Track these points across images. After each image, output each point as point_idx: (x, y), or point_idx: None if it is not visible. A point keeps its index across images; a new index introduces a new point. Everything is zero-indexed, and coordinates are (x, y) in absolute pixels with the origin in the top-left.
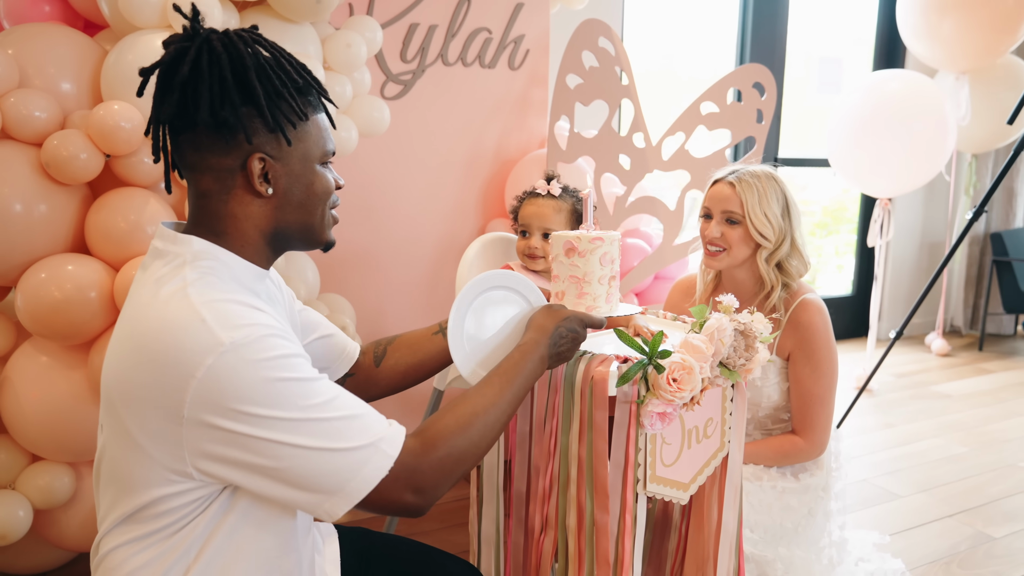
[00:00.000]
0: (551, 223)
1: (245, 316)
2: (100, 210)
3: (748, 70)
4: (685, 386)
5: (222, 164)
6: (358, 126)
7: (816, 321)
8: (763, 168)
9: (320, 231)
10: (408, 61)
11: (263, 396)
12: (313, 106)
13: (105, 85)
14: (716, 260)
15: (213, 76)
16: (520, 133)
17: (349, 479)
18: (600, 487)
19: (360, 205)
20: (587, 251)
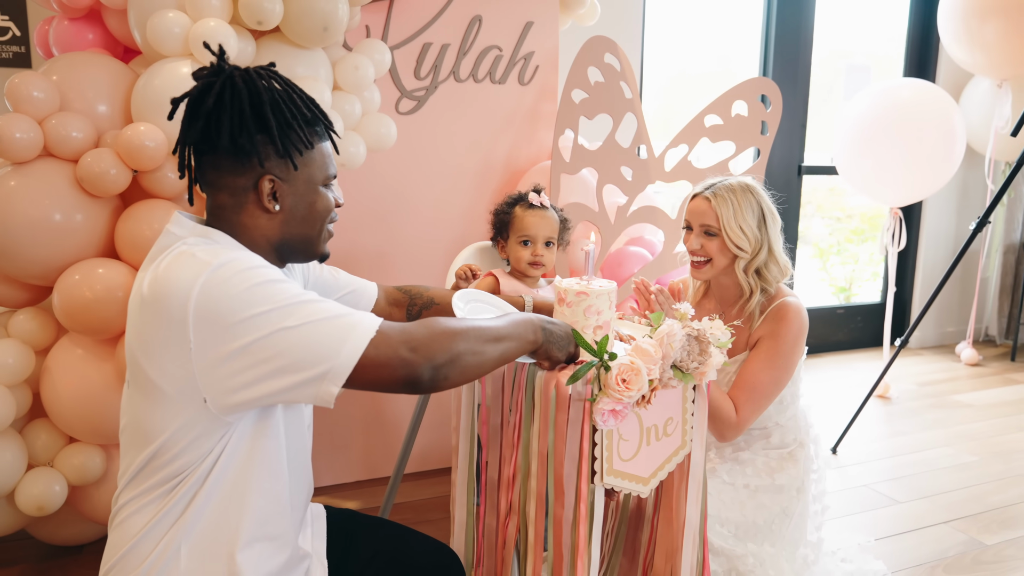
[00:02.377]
0: (552, 231)
1: (235, 254)
2: (128, 219)
3: (754, 83)
4: (633, 386)
5: (237, 183)
6: (366, 142)
7: (791, 320)
8: (740, 180)
9: (318, 244)
10: (422, 78)
11: (249, 300)
12: (319, 135)
13: (135, 107)
14: (701, 272)
15: (234, 108)
16: (529, 145)
17: (345, 340)
18: (558, 482)
19: (376, 213)
20: (573, 303)
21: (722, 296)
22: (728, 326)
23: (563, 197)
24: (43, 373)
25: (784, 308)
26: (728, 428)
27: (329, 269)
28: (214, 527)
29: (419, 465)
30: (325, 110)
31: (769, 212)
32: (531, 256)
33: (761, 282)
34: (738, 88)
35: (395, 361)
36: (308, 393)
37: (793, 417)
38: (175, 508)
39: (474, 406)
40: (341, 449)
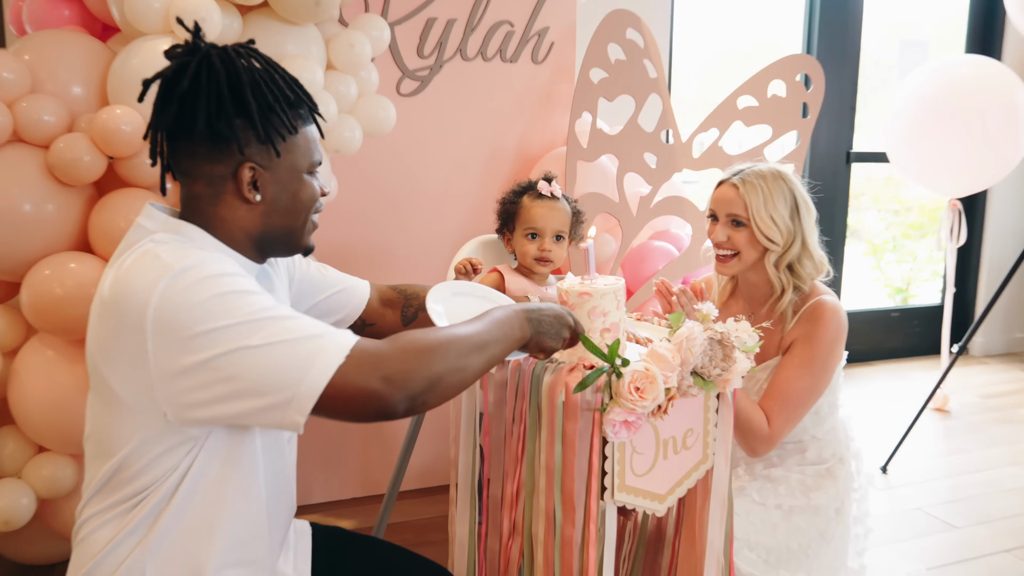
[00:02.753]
0: (563, 224)
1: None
2: (102, 210)
3: (793, 61)
4: (647, 395)
5: (214, 171)
6: (363, 126)
7: (827, 320)
8: (771, 167)
9: (301, 236)
10: (425, 56)
11: (212, 311)
12: (303, 119)
13: (111, 89)
14: (727, 266)
15: (211, 90)
16: (544, 130)
17: (310, 365)
18: (568, 498)
19: (373, 205)
20: (575, 304)
21: (751, 295)
22: (756, 328)
23: (580, 186)
24: (10, 377)
25: (820, 307)
26: (759, 442)
27: (317, 265)
28: (183, 550)
29: (420, 481)
30: (312, 91)
31: (803, 201)
32: (538, 251)
33: (794, 279)
34: (775, 66)
35: (365, 394)
36: (272, 419)
37: (832, 430)
38: (140, 527)
39: (475, 415)
40: (335, 463)
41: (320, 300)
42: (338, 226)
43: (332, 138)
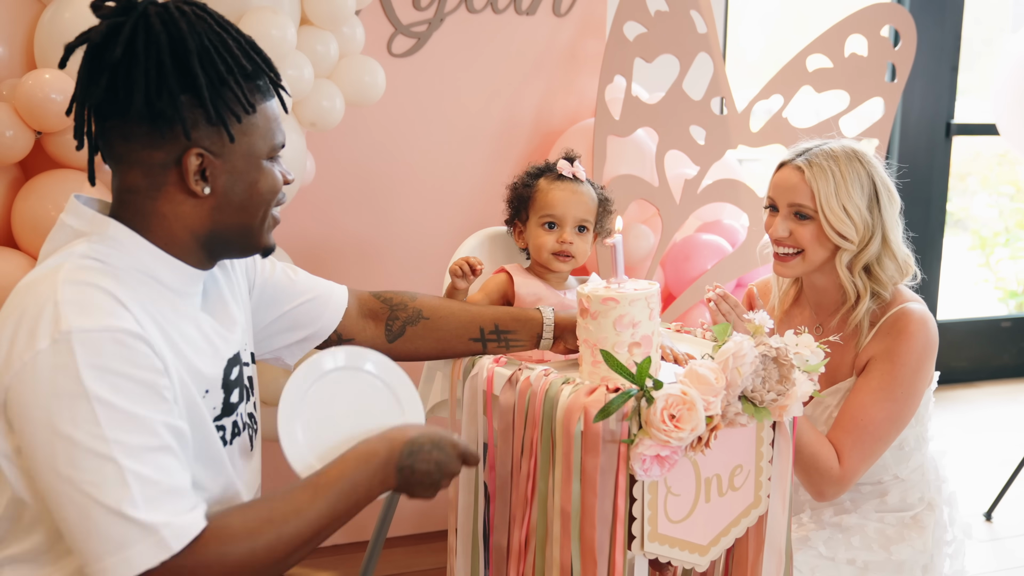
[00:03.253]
0: (587, 212)
1: (104, 313)
2: (28, 196)
3: (877, 11)
4: (685, 424)
5: (153, 158)
6: (344, 93)
7: (913, 334)
8: (844, 145)
9: (259, 235)
10: (423, 8)
11: (63, 413)
12: (262, 92)
13: (39, 49)
14: (787, 267)
15: (150, 60)
16: (567, 97)
17: (110, 552)
18: (589, 549)
19: (357, 188)
20: (599, 312)
21: (819, 303)
22: (821, 343)
23: (611, 167)
24: None
25: (904, 318)
26: (828, 483)
27: (284, 267)
28: None
29: (415, 526)
30: (282, 52)
31: (884, 188)
32: (556, 243)
33: (872, 283)
34: (854, 18)
35: None
36: None
37: (919, 468)
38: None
39: (478, 445)
40: None
41: (287, 311)
42: (314, 216)
43: (308, 109)
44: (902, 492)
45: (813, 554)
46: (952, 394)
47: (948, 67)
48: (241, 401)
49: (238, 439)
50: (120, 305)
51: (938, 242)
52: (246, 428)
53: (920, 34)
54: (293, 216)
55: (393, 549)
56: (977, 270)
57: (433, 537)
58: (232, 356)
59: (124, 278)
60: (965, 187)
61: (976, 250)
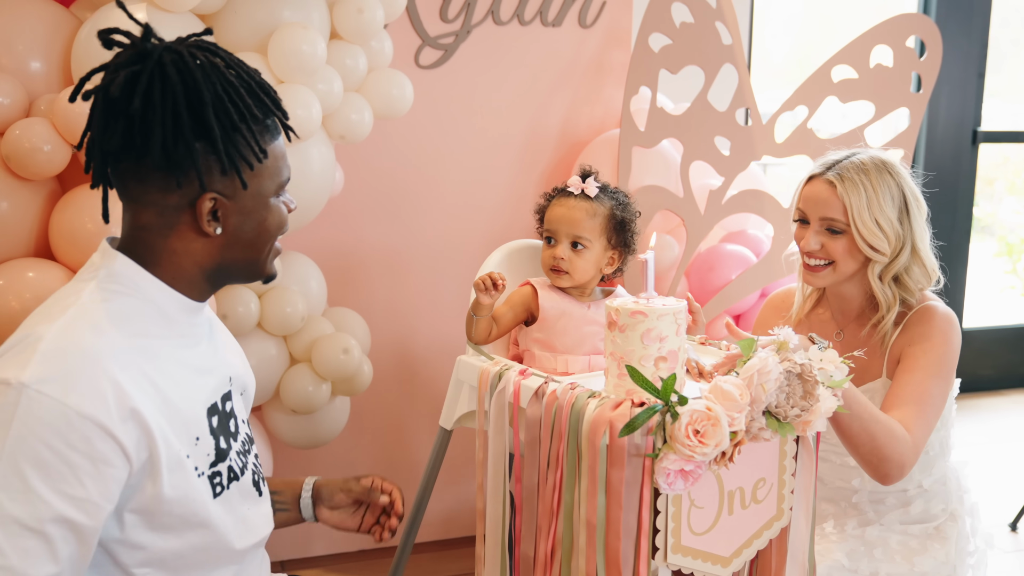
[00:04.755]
0: (582, 229)
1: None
2: (65, 209)
3: (902, 22)
4: (709, 440)
5: (167, 200)
6: (373, 106)
7: (939, 323)
8: (873, 156)
9: (264, 266)
10: (450, 20)
11: None
12: (271, 132)
13: (76, 64)
14: (818, 277)
15: (166, 110)
16: (593, 108)
17: None
18: (613, 560)
19: (385, 199)
20: (627, 326)
21: (842, 308)
22: (846, 358)
23: (636, 178)
24: None
25: (929, 311)
26: (907, 449)
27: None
28: None
29: (440, 532)
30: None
31: (912, 198)
32: (551, 257)
33: (900, 291)
34: (880, 29)
35: None
36: None
37: (942, 479)
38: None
39: (505, 457)
40: None
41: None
42: (342, 226)
43: (337, 122)
44: (925, 502)
45: (836, 567)
46: (978, 402)
47: (975, 74)
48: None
49: (236, 484)
50: (103, 378)
51: (964, 249)
52: (247, 470)
53: (946, 41)
54: (321, 227)
55: (418, 555)
56: (1003, 277)
57: (458, 544)
58: (224, 394)
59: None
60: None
61: (1002, 256)
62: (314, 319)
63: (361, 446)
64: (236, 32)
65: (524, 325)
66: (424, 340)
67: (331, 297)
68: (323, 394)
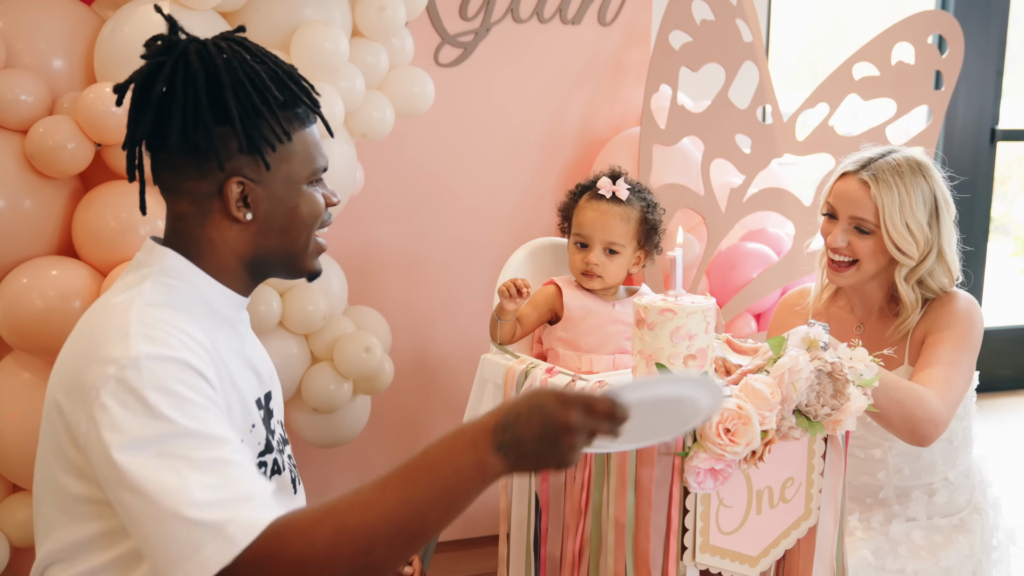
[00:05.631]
0: (617, 235)
1: (172, 342)
2: (88, 207)
3: (924, 19)
4: (740, 439)
5: (198, 188)
6: (394, 104)
7: (961, 307)
8: (908, 157)
9: (303, 259)
10: (469, 19)
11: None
12: (301, 120)
13: (99, 62)
14: (842, 276)
15: (187, 96)
16: (612, 106)
17: (186, 557)
18: (643, 560)
19: (404, 198)
20: (656, 323)
21: (863, 303)
22: (875, 356)
23: (656, 176)
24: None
25: (951, 295)
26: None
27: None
28: None
29: (463, 530)
30: (335, 65)
31: (943, 201)
32: (583, 263)
33: (923, 292)
34: (901, 26)
35: None
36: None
37: (966, 471)
38: None
39: None
40: None
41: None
42: (362, 225)
43: (359, 120)
44: (950, 494)
45: (861, 563)
46: (995, 402)
47: (993, 72)
48: (275, 438)
49: (277, 477)
50: (189, 338)
51: (982, 249)
52: (286, 468)
53: (965, 39)
54: (341, 225)
55: (438, 554)
56: (1020, 276)
57: (478, 543)
58: (266, 393)
59: (189, 310)
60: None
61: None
62: (335, 318)
63: (380, 445)
64: (258, 30)
65: (548, 324)
66: (444, 339)
67: (352, 296)
68: (344, 393)
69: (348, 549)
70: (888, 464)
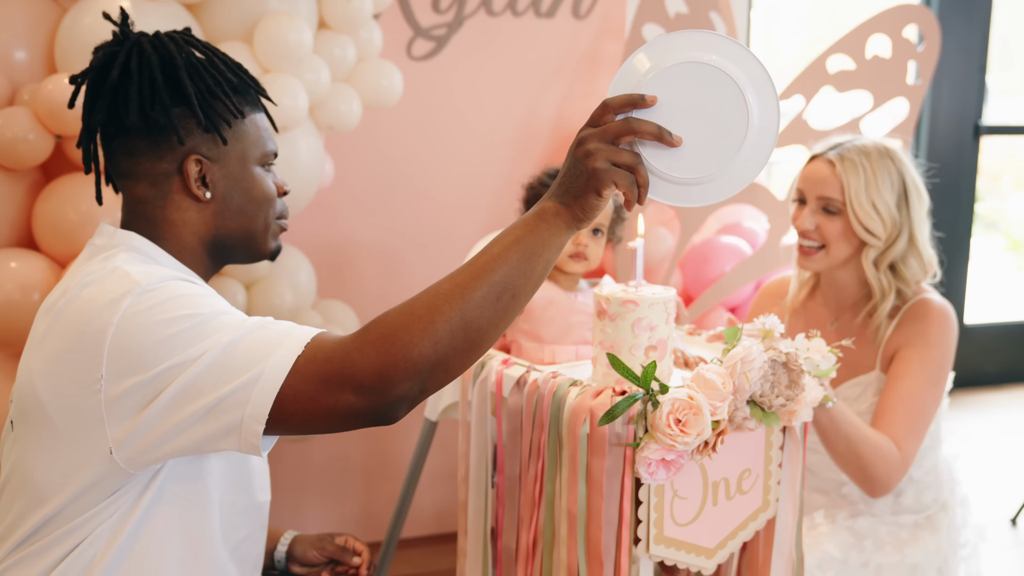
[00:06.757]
0: (604, 218)
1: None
2: (49, 199)
3: (899, 12)
4: (690, 429)
5: (157, 168)
6: (362, 97)
7: (938, 319)
8: (876, 142)
9: (262, 241)
10: (442, 11)
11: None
12: (251, 104)
13: (59, 53)
14: (810, 260)
15: (143, 78)
16: (587, 99)
17: (265, 356)
18: (595, 551)
19: (378, 191)
20: (617, 314)
21: (837, 298)
22: (834, 347)
23: None
24: None
25: (926, 304)
26: (894, 468)
27: None
28: None
29: (432, 526)
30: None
31: (913, 187)
32: (572, 245)
33: (897, 281)
34: (877, 19)
35: (335, 401)
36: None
37: (933, 470)
38: None
39: (488, 448)
40: (332, 501)
41: None
42: (333, 218)
43: (325, 112)
44: (916, 493)
45: (826, 558)
46: (981, 398)
47: (976, 67)
48: None
49: None
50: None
51: (966, 244)
52: None
53: (948, 35)
54: (311, 218)
55: (411, 550)
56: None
57: (451, 539)
58: None
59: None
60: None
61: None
62: (303, 311)
63: (352, 439)
64: (221, 20)
65: None
66: None
67: (322, 289)
68: None
69: (445, 307)
70: None
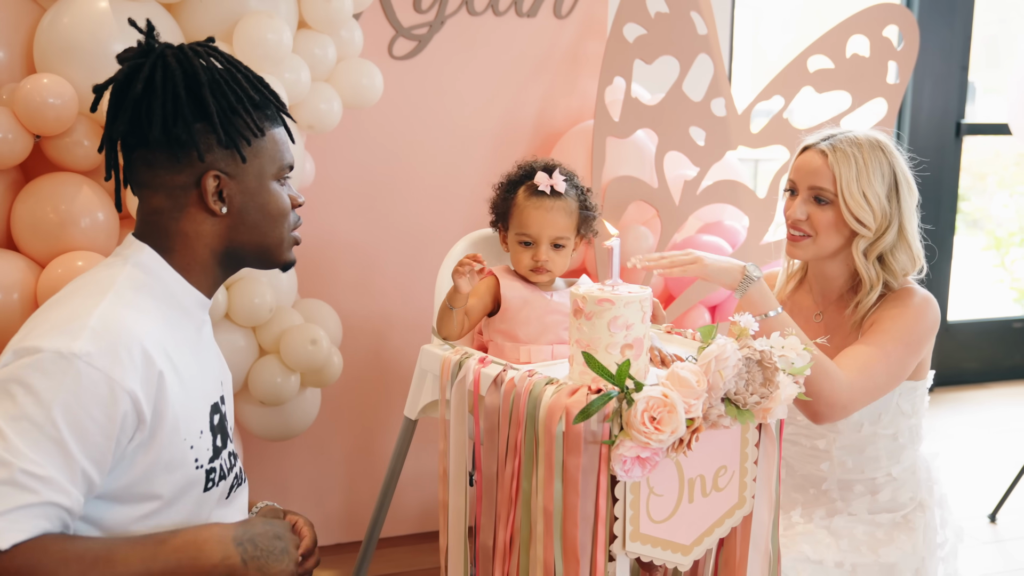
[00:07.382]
0: (563, 230)
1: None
2: (27, 198)
3: (879, 12)
4: (665, 427)
5: (175, 181)
6: (342, 96)
7: (915, 304)
8: (868, 134)
9: (277, 252)
10: (423, 11)
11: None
12: (271, 119)
13: (38, 53)
14: (798, 247)
15: (167, 93)
16: (568, 99)
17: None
18: (571, 548)
19: (359, 190)
20: (593, 313)
21: (824, 289)
22: (808, 347)
23: (610, 169)
24: None
25: (908, 291)
26: (836, 386)
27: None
28: None
29: (417, 525)
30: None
31: (904, 179)
32: (531, 261)
33: (885, 273)
34: (856, 19)
35: None
36: None
37: (911, 468)
38: None
39: (466, 446)
40: (315, 502)
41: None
42: (313, 217)
43: (305, 111)
44: (894, 491)
45: (800, 558)
46: (962, 395)
47: (958, 67)
48: (224, 447)
49: (215, 488)
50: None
51: (948, 242)
52: (224, 478)
53: (929, 34)
54: None
55: (394, 548)
56: (992, 270)
57: (435, 537)
58: (218, 399)
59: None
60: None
61: (991, 250)
62: (283, 310)
63: (334, 437)
64: (201, 20)
65: (487, 316)
66: (397, 332)
67: (302, 288)
68: (292, 386)
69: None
70: (832, 456)
